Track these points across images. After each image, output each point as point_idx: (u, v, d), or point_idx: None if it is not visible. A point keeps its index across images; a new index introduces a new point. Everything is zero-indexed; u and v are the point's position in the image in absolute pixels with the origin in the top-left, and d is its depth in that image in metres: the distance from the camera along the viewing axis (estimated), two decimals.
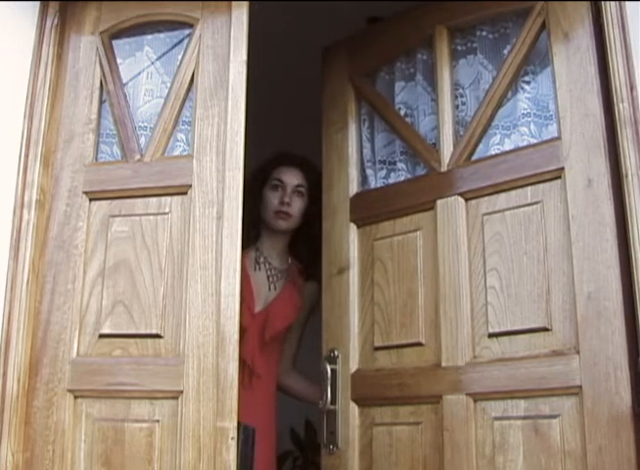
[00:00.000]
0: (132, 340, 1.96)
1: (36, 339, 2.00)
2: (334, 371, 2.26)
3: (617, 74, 1.83)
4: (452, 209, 2.11)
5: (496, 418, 1.92)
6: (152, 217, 2.03)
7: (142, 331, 1.96)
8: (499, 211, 2.02)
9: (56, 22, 2.20)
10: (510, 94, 2.12)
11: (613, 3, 1.87)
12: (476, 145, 2.14)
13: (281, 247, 2.71)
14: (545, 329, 1.88)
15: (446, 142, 2.18)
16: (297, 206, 2.63)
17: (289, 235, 2.72)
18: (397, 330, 2.18)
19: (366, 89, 2.46)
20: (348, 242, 2.34)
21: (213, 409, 1.85)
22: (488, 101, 2.13)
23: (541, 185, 1.96)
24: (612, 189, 1.82)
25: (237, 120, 2.01)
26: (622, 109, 1.80)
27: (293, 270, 2.73)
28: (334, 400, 2.24)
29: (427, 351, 2.10)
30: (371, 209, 2.32)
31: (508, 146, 2.10)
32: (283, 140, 2.89)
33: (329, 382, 2.24)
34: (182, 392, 1.88)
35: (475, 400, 1.97)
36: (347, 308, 2.29)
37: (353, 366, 2.25)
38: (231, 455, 1.82)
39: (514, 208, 1.99)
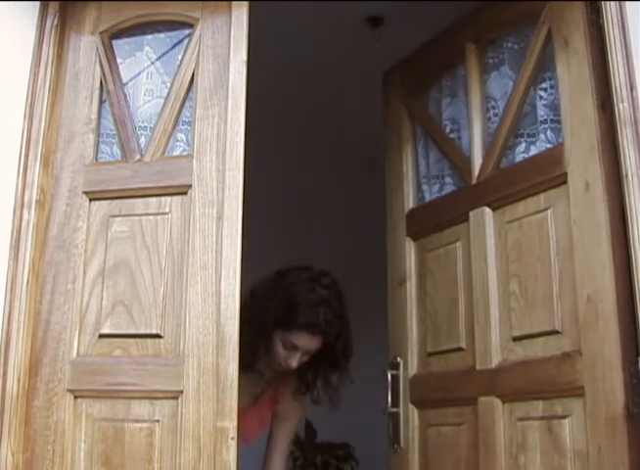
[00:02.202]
0: (132, 340, 1.96)
1: (36, 339, 1.99)
2: (394, 376, 2.39)
3: (616, 74, 1.83)
4: (481, 219, 2.18)
5: (520, 419, 1.97)
6: (152, 217, 2.02)
7: (142, 331, 1.95)
8: (518, 219, 2.07)
9: (56, 22, 2.19)
10: (529, 102, 2.14)
11: (613, 3, 1.87)
12: (500, 155, 2.18)
13: None
14: (556, 332, 1.92)
15: (476, 155, 2.24)
16: (302, 361, 2.33)
17: None
18: (444, 336, 2.28)
19: (417, 110, 2.56)
20: (405, 255, 2.46)
21: (213, 409, 1.85)
22: (507, 111, 2.16)
23: (551, 191, 1.99)
24: (608, 191, 1.83)
25: (237, 120, 2.01)
26: (622, 109, 1.80)
27: (280, 379, 2.47)
28: (396, 404, 2.36)
29: (466, 355, 2.18)
30: (422, 223, 2.43)
31: (533, 153, 2.12)
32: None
33: (390, 386, 2.38)
34: (182, 392, 1.88)
35: (503, 402, 2.02)
36: (406, 317, 2.41)
37: (412, 371, 2.37)
38: (231, 455, 1.82)
39: (530, 215, 2.04)
